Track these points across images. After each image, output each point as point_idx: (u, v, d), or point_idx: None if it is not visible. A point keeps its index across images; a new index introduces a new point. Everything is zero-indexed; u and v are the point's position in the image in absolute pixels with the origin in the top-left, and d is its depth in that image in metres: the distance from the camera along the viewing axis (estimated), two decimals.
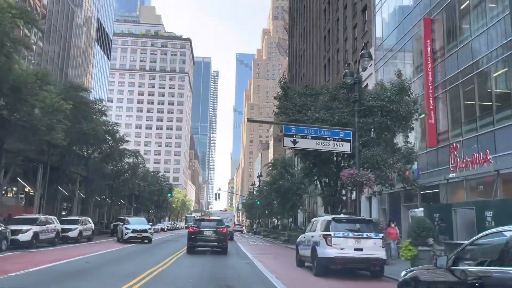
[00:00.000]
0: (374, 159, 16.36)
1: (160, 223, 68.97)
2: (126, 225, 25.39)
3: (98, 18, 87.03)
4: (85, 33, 75.95)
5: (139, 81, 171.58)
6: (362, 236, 11.46)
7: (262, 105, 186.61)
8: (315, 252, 11.92)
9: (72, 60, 67.57)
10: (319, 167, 20.01)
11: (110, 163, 37.55)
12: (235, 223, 70.38)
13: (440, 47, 23.09)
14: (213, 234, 18.68)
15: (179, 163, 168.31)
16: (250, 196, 67.63)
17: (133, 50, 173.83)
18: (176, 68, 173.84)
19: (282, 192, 30.71)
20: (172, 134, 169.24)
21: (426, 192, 23.90)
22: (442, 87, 22.51)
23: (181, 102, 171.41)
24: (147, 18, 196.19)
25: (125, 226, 25.37)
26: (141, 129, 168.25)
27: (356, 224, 11.88)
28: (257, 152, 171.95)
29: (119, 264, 14.20)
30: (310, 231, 13.37)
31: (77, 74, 70.01)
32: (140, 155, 43.46)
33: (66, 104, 22.96)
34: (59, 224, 22.57)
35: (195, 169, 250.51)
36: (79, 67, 72.05)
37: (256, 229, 53.70)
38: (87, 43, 77.66)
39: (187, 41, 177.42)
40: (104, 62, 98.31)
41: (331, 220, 11.96)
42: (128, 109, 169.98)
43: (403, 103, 17.37)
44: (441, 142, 22.00)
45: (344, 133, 16.23)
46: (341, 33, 41.29)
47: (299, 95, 20.55)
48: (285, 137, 15.76)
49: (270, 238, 40.06)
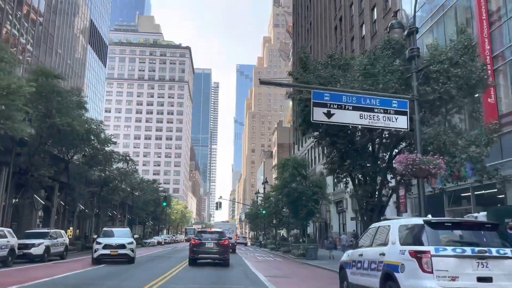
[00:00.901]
0: (441, 140, 11.42)
1: (158, 236, 63.72)
2: (99, 239, 19.29)
3: (93, 22, 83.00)
4: (80, 38, 71.77)
5: (138, 90, 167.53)
6: (490, 255, 6.22)
7: (264, 114, 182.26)
8: (393, 284, 6.88)
9: (65, 67, 63.16)
10: (352, 159, 14.98)
11: (96, 168, 32.55)
12: (238, 235, 65.14)
13: (498, 8, 18.41)
14: (214, 247, 18.53)
15: (179, 174, 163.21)
16: (254, 206, 62.50)
17: (132, 59, 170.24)
18: (175, 77, 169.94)
19: (295, 197, 25.66)
20: (172, 145, 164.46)
21: (481, 193, 19.01)
22: (503, 57, 17.79)
23: (180, 111, 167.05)
24: (146, 27, 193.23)
25: (97, 239, 19.36)
26: (140, 139, 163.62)
27: (472, 232, 6.74)
28: (259, 162, 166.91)
29: None
30: (372, 244, 8.19)
31: (71, 81, 65.69)
32: (131, 159, 38.44)
33: (27, 86, 18.15)
34: (14, 238, 17.48)
35: (196, 181, 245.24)
36: (73, 74, 67.69)
37: (263, 241, 47.99)
38: (81, 49, 73.41)
39: (187, 49, 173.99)
40: (100, 69, 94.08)
41: (423, 224, 6.70)
42: (126, 119, 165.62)
43: (471, 66, 12.51)
44: (505, 126, 17.19)
45: (399, 102, 11.31)
46: (356, 19, 36.78)
47: (324, 65, 15.70)
48: (314, 107, 10.83)
49: (280, 252, 34.87)
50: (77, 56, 70.52)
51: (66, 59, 63.72)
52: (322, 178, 26.37)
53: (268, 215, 39.49)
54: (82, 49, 73.92)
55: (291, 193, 25.90)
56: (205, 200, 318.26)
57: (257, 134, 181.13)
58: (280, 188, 27.28)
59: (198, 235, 19.63)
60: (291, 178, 26.12)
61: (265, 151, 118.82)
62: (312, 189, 25.74)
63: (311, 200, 25.83)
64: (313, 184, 25.74)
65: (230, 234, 29.23)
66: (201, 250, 18.38)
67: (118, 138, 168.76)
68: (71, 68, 66.66)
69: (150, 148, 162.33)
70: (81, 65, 73.37)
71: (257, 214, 57.17)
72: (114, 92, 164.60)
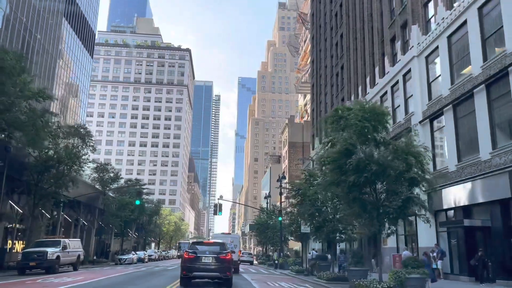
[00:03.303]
0: None
1: (142, 251, 50.47)
2: None
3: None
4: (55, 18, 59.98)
5: (134, 94, 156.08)
6: None
7: (267, 121, 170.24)
8: None
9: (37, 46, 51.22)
10: None
11: (18, 133, 19.68)
12: (241, 251, 52.22)
13: None
14: (213, 262, 14.87)
15: (176, 184, 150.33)
16: (262, 214, 49.56)
17: (128, 61, 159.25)
18: (174, 80, 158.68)
19: (371, 174, 12.16)
20: (169, 152, 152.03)
21: None
22: None
23: (179, 117, 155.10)
24: (144, 30, 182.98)
25: None
26: (135, 146, 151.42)
27: None
28: (262, 172, 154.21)
29: None
30: None
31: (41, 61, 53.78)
32: (88, 133, 25.59)
33: None
34: None
35: (195, 193, 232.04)
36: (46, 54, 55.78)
37: (278, 260, 33.55)
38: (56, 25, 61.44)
39: (187, 51, 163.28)
40: (84, 58, 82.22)
41: None
42: (120, 124, 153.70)
43: None
44: None
45: None
46: None
47: None
48: None
49: (315, 278, 22.02)
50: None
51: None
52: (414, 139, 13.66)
53: (295, 220, 26.41)
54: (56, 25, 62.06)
55: (363, 166, 12.77)
56: (204, 214, 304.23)
57: (260, 143, 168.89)
58: (334, 161, 14.15)
59: (193, 247, 15.85)
60: (356, 138, 13.40)
61: (272, 155, 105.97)
62: (404, 159, 12.64)
63: (405, 181, 12.79)
64: (405, 151, 12.74)
65: (232, 249, 21.03)
66: (196, 266, 14.86)
67: (111, 145, 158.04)
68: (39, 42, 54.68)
69: (145, 156, 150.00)
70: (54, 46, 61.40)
71: (267, 224, 44.22)
72: (108, 95, 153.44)
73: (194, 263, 14.74)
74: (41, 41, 54.78)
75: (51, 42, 58.43)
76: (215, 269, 14.83)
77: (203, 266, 14.79)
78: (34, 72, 42.99)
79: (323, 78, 46.63)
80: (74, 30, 71.37)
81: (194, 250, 15.22)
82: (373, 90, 30.06)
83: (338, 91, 40.03)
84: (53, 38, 59.38)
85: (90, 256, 36.49)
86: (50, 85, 56.34)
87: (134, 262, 39.92)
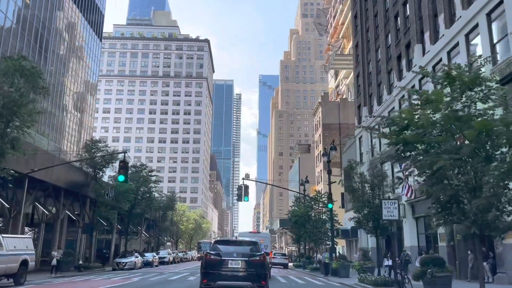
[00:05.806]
0: None
1: (152, 252, 41.57)
2: None
3: None
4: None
5: (151, 88, 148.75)
6: None
7: (292, 112, 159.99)
8: None
9: None
10: None
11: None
12: (273, 252, 42.76)
13: None
14: (243, 266, 12.07)
15: (197, 181, 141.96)
16: (296, 204, 39.89)
17: (145, 55, 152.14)
18: (192, 73, 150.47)
19: None
20: (189, 148, 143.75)
21: None
22: None
23: (198, 111, 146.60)
24: (161, 23, 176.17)
25: None
26: (154, 143, 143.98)
27: None
28: (287, 167, 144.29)
29: None
30: None
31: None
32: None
33: None
34: None
35: (218, 192, 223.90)
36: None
37: (330, 262, 22.95)
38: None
39: (205, 42, 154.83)
40: (91, 39, 74.63)
41: None
42: (138, 120, 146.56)
43: None
44: None
45: None
46: None
47: None
48: None
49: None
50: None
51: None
52: None
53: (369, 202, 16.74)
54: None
55: None
56: (228, 214, 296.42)
57: (284, 136, 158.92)
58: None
59: (216, 247, 12.87)
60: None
61: (300, 144, 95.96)
62: None
63: None
64: None
65: (264, 250, 15.95)
66: (221, 272, 11.95)
67: (129, 141, 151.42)
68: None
69: (164, 153, 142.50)
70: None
71: (306, 217, 34.46)
72: (126, 90, 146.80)
73: (218, 269, 12.11)
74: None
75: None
76: (246, 277, 12.21)
77: (230, 273, 12.13)
78: None
79: (372, 31, 36.74)
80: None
81: (218, 252, 12.58)
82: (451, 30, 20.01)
83: (400, 36, 30.01)
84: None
85: (87, 260, 28.09)
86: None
87: (137, 267, 30.97)
